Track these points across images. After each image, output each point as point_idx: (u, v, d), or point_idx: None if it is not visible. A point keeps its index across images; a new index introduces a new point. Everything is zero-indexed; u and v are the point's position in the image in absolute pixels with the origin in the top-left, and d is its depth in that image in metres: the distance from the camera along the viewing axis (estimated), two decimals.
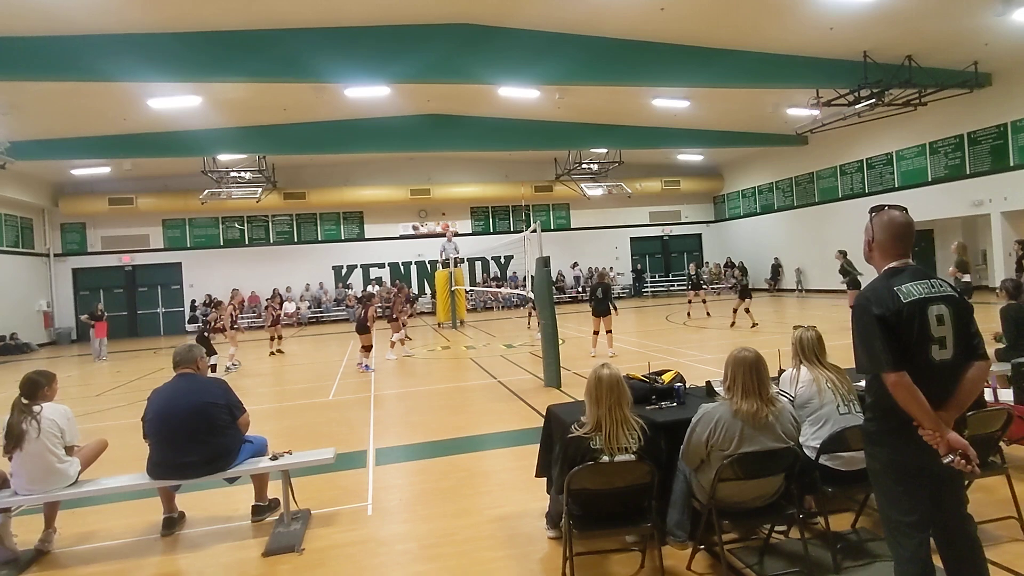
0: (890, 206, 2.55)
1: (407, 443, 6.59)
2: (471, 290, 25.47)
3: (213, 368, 11.17)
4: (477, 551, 3.85)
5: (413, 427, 7.27)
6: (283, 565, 3.84)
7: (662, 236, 30.63)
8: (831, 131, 19.04)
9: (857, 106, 16.14)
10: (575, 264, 28.92)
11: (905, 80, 15.18)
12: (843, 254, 14.34)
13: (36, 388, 4.16)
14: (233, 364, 13.05)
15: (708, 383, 4.25)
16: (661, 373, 4.43)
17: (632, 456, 3.09)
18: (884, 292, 2.39)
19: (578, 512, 3.20)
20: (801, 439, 3.36)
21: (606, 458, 3.06)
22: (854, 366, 2.48)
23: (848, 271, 13.94)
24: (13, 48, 11.06)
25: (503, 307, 26.94)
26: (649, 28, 13.24)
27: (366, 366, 11.57)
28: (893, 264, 2.48)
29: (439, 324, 20.52)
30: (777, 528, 3.62)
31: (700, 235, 31.06)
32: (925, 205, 18.03)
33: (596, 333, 11.61)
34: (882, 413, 2.41)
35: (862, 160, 21.78)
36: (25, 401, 4.11)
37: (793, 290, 25.26)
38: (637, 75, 14.83)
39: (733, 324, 15.01)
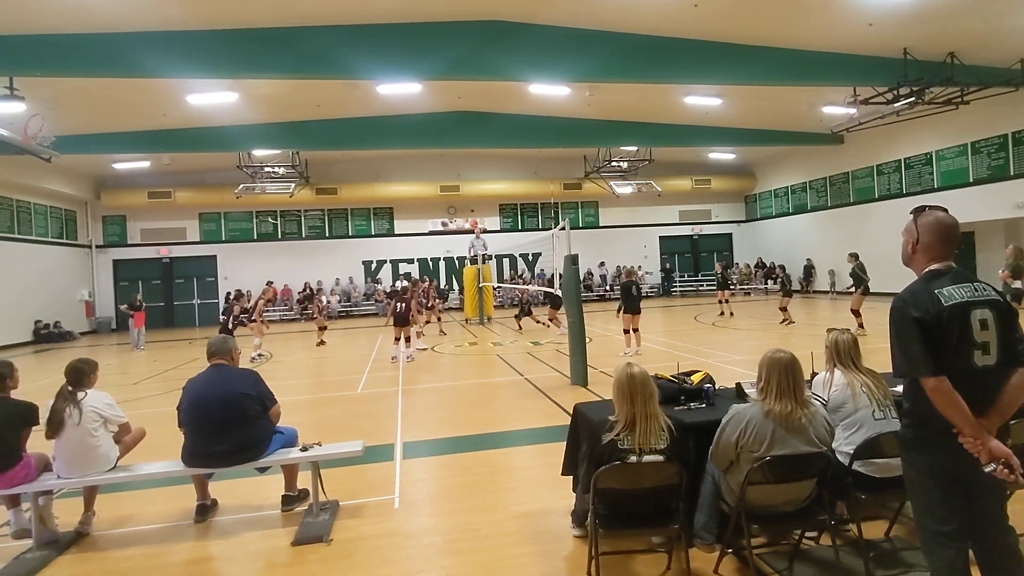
0: (931, 207, 2.49)
1: (434, 438, 6.65)
2: (499, 287, 25.53)
3: None
4: (502, 547, 3.86)
5: (440, 422, 7.32)
6: (311, 555, 3.90)
7: (692, 235, 30.29)
8: (868, 130, 18.56)
9: (896, 104, 15.71)
10: (602, 263, 28.81)
11: (947, 78, 14.72)
12: (855, 257, 14.17)
13: (81, 376, 4.30)
14: (259, 355, 13.28)
15: (738, 384, 4.19)
16: (690, 374, 4.39)
17: (660, 456, 3.06)
18: (924, 295, 2.33)
19: (604, 511, 3.19)
20: (834, 444, 3.30)
21: (633, 458, 3.04)
22: (891, 370, 2.42)
23: (860, 277, 13.68)
24: (58, 45, 11.41)
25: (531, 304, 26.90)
26: (682, 25, 13.07)
27: (410, 354, 12.24)
28: (935, 266, 2.42)
29: (466, 320, 20.62)
30: (808, 534, 3.55)
31: (731, 235, 30.64)
32: (966, 207, 17.46)
33: (627, 332, 11.57)
34: (920, 419, 2.36)
35: (900, 160, 21.21)
36: (70, 388, 4.25)
37: (826, 292, 24.76)
38: (669, 72, 14.66)
39: (791, 322, 15.23)
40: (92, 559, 4.05)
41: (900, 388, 2.53)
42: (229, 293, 25.30)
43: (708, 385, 4.13)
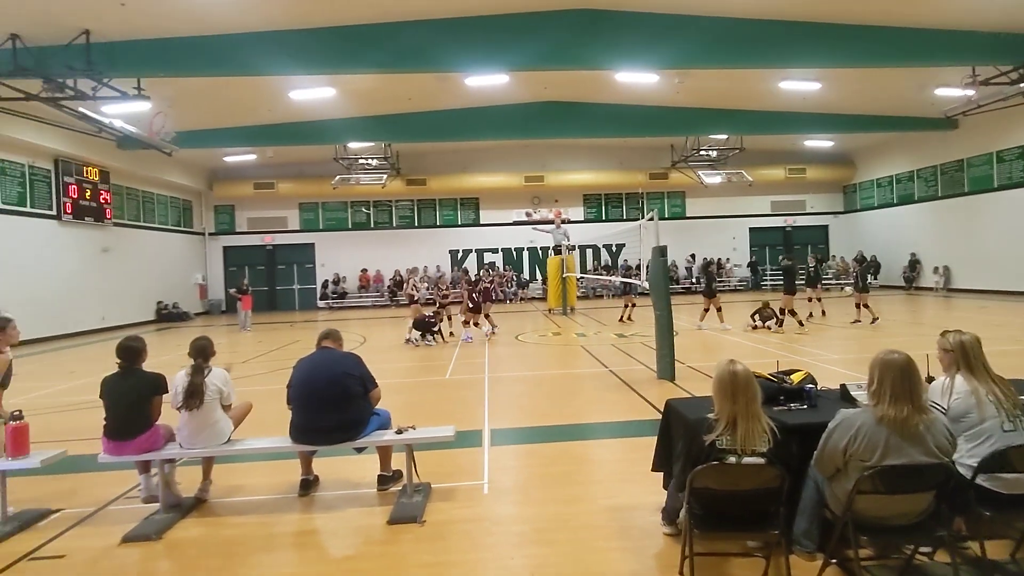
0: None
1: (520, 426, 6.73)
2: (582, 277, 25.43)
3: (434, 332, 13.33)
4: (591, 539, 3.86)
5: (526, 411, 7.41)
6: (406, 534, 4.04)
7: (784, 227, 28.95)
8: (987, 113, 16.96)
9: (1022, 84, 14.28)
10: (692, 255, 28.13)
11: None
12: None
13: (206, 353, 4.67)
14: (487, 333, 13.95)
15: (843, 386, 3.98)
16: (790, 373, 4.21)
17: (761, 459, 2.96)
18: None
19: (699, 511, 3.13)
20: (955, 455, 3.07)
21: (732, 459, 2.96)
22: None
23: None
24: (179, 47, 12.38)
25: (614, 295, 26.73)
26: (779, 6, 12.43)
27: (469, 336, 13.44)
28: None
29: (549, 310, 20.69)
30: (921, 549, 3.34)
31: (827, 227, 29.07)
32: None
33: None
34: None
35: None
36: (200, 364, 4.61)
37: (932, 288, 22.98)
38: (764, 57, 14.00)
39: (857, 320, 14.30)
40: (211, 524, 4.39)
41: None
42: (327, 280, 26.55)
43: (810, 386, 3.94)
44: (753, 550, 3.52)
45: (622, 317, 16.29)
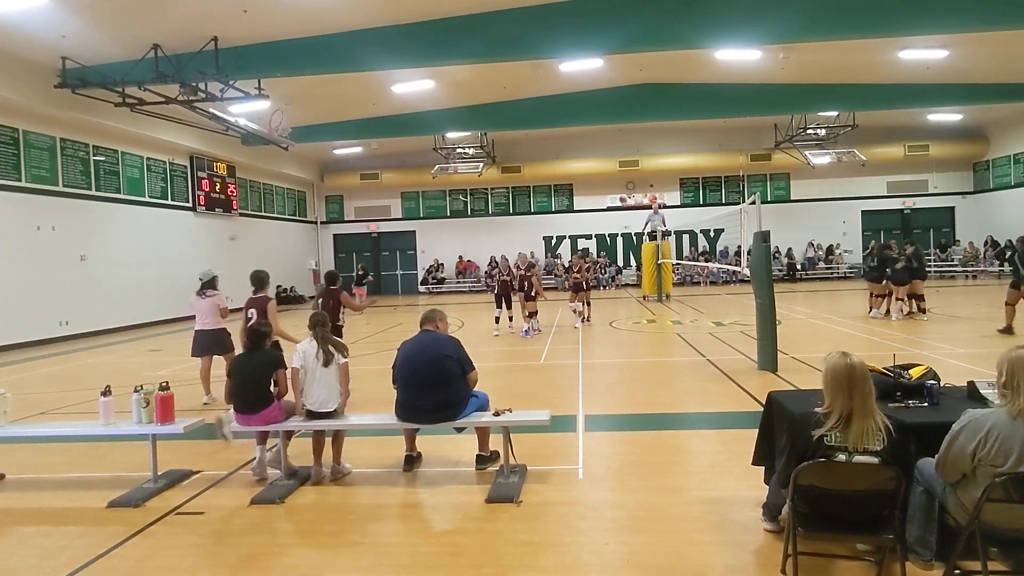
0: None
1: (614, 413, 6.73)
2: (678, 264, 24.82)
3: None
4: (687, 531, 3.82)
5: (620, 398, 7.39)
6: (503, 513, 4.18)
7: (903, 209, 26.79)
8: None
9: None
10: (811, 242, 26.88)
11: None
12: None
13: (322, 321, 5.07)
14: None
15: (971, 383, 3.69)
16: (908, 367, 3.95)
17: (874, 458, 2.81)
18: None
19: (804, 510, 3.02)
20: None
21: (842, 457, 2.83)
22: None
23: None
24: (292, 49, 13.22)
25: (711, 282, 25.95)
26: None
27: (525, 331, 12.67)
28: None
29: (644, 297, 20.38)
30: None
31: (952, 208, 26.60)
32: None
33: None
34: None
35: None
36: (318, 331, 5.00)
37: None
38: (884, 24, 12.83)
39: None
40: (326, 492, 4.74)
41: None
42: (430, 265, 27.49)
43: (932, 382, 3.68)
44: (863, 554, 3.35)
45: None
